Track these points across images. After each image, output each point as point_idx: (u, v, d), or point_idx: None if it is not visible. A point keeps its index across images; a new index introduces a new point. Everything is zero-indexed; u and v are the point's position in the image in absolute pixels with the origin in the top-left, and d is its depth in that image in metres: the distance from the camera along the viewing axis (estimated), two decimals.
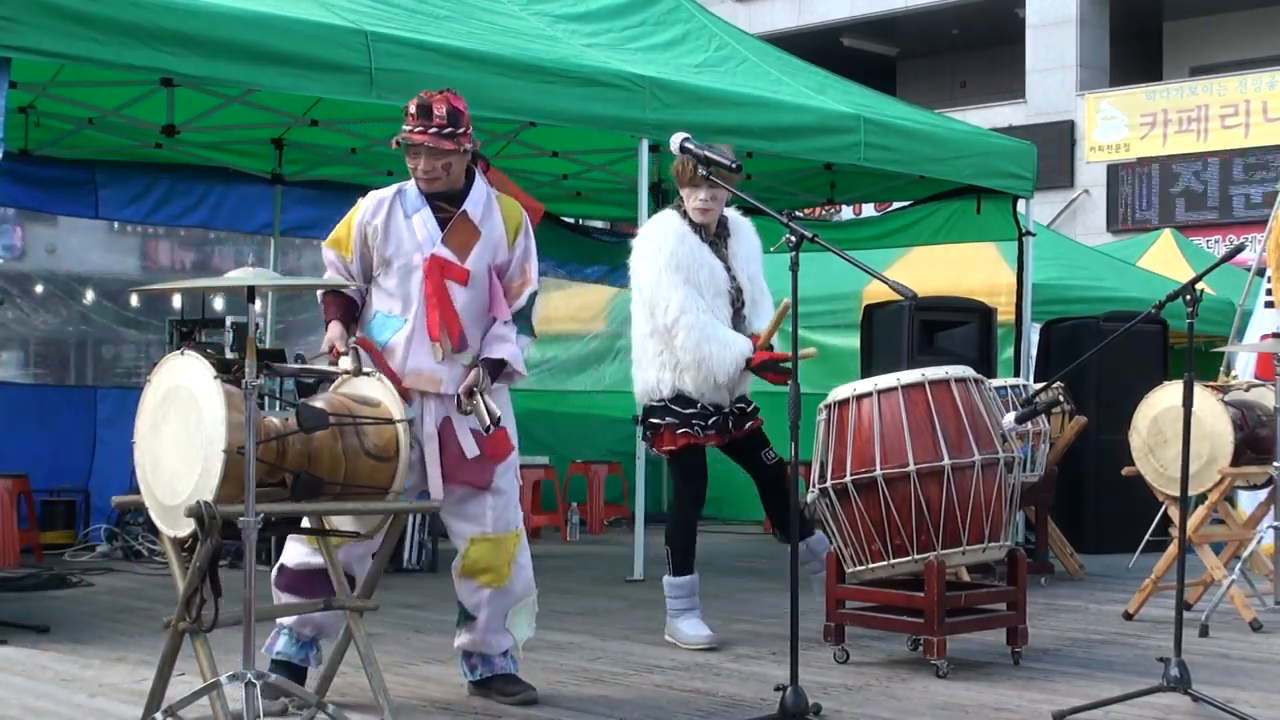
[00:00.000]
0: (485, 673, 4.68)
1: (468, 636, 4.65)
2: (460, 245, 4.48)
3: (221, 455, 3.54)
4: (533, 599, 4.73)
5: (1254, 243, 13.75)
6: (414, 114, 4.45)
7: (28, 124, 8.51)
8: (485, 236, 4.52)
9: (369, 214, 4.51)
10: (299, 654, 4.55)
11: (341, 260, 4.54)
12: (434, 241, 4.46)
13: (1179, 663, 4.46)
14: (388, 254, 4.48)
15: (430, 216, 4.49)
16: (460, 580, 4.59)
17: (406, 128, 4.45)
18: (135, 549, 8.61)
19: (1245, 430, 6.48)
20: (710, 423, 5.67)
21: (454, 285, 4.48)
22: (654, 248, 5.58)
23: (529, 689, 4.65)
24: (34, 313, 10.05)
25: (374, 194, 4.58)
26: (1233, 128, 20.73)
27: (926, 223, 10.06)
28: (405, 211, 4.50)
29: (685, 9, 8.84)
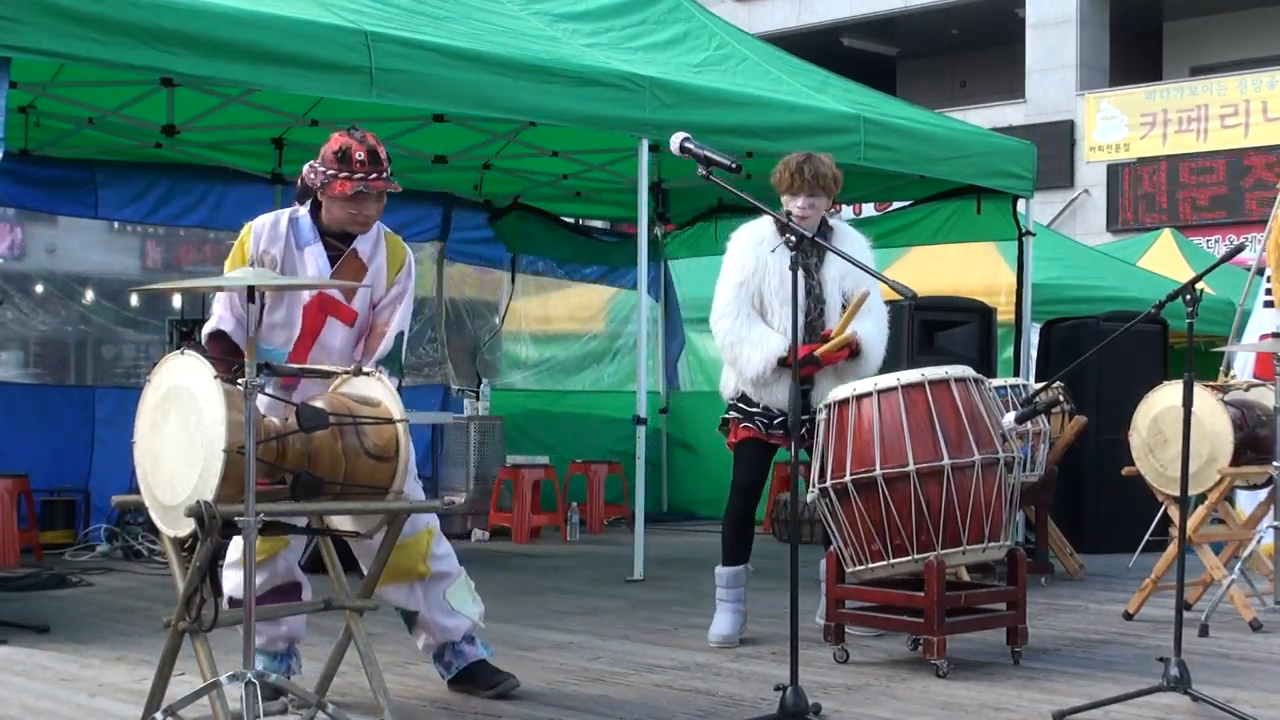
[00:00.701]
0: (460, 664, 4.69)
1: (424, 634, 4.66)
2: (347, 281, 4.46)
3: (221, 455, 3.54)
4: (463, 577, 4.69)
5: (1254, 242, 13.75)
6: (363, 161, 4.37)
7: (28, 124, 8.51)
8: (372, 273, 4.51)
9: (265, 242, 4.44)
10: (279, 668, 4.58)
11: (236, 296, 4.38)
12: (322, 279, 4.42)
13: (1179, 662, 4.46)
14: (283, 294, 4.41)
15: (322, 252, 4.46)
16: (386, 590, 4.52)
17: (358, 175, 4.35)
18: (135, 549, 8.61)
19: (1245, 430, 6.48)
20: (777, 423, 5.69)
21: (336, 323, 4.47)
22: (728, 254, 5.73)
23: (508, 677, 4.67)
24: (33, 313, 10.03)
25: (264, 221, 4.49)
26: (1233, 127, 20.73)
27: (926, 223, 10.06)
28: (297, 243, 4.46)
29: (685, 8, 8.84)
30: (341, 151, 4.37)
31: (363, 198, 4.39)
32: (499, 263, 11.59)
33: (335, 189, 4.36)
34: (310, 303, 4.43)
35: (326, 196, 4.41)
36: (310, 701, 3.80)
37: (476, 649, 4.72)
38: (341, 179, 4.36)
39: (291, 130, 9.30)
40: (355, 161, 4.36)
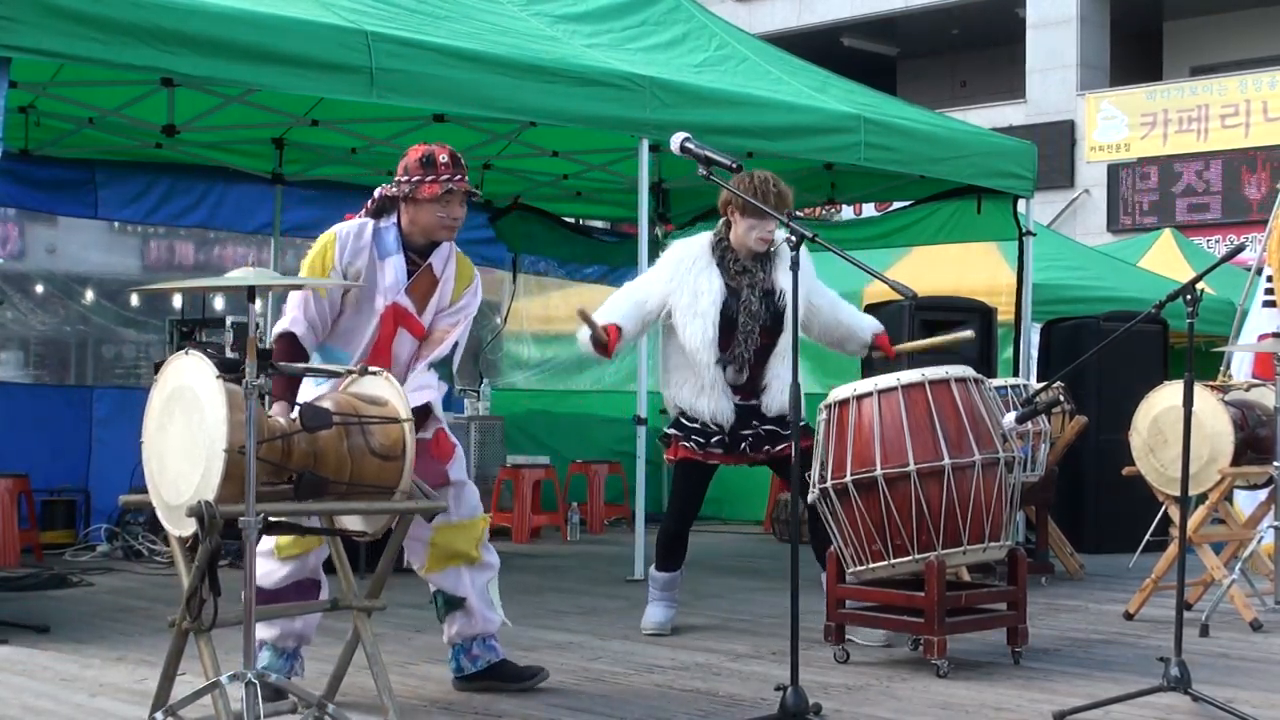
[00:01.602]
0: (489, 658, 4.75)
1: (462, 622, 4.72)
2: (420, 296, 4.60)
3: (223, 455, 3.54)
4: (496, 574, 4.81)
5: (1254, 242, 13.76)
6: (447, 164, 4.56)
7: (28, 124, 8.51)
8: (440, 287, 4.64)
9: (350, 255, 4.52)
10: (283, 666, 4.60)
11: (318, 301, 4.47)
12: (399, 289, 4.55)
13: (1179, 662, 4.46)
14: (359, 296, 4.53)
15: (402, 264, 4.57)
16: (434, 575, 4.69)
17: (444, 177, 4.52)
18: (135, 549, 8.61)
19: (1245, 430, 6.48)
20: (714, 440, 5.72)
21: (406, 334, 4.59)
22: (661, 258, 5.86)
23: (539, 669, 4.80)
24: (33, 313, 10.04)
25: (349, 231, 4.56)
26: (1233, 127, 20.73)
27: (927, 223, 10.05)
28: (379, 254, 4.56)
29: (685, 9, 8.84)
30: (425, 157, 4.56)
31: (451, 197, 4.54)
32: (500, 263, 11.60)
33: (424, 192, 4.51)
34: (385, 313, 4.53)
35: (414, 204, 4.54)
36: (311, 701, 3.80)
37: (499, 648, 4.79)
38: (429, 182, 4.51)
39: (292, 130, 9.31)
40: (440, 164, 4.55)
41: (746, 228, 5.69)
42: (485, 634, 4.76)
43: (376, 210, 4.62)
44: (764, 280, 5.76)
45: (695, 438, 5.78)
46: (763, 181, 5.53)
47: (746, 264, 5.74)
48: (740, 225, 5.71)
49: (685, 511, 5.98)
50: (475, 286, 4.75)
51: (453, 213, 4.57)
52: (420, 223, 4.57)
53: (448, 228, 4.59)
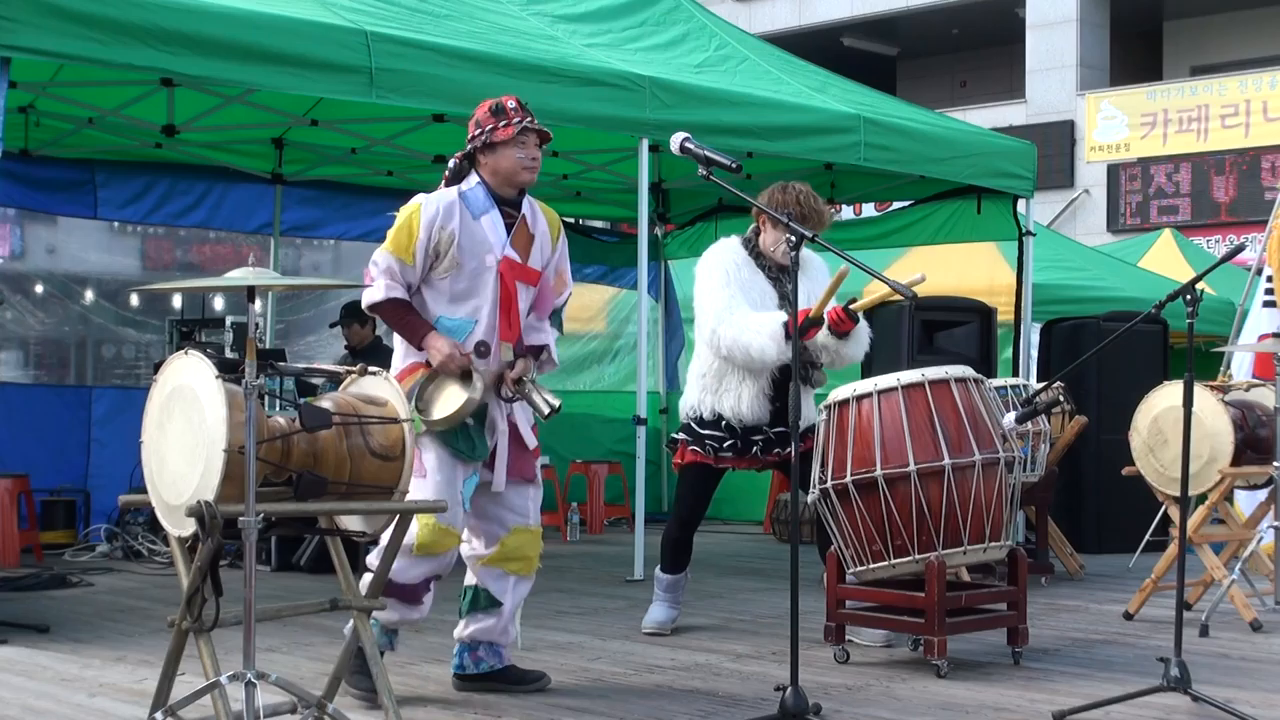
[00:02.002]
0: (494, 664, 4.78)
1: (485, 624, 4.73)
2: (523, 247, 4.63)
3: (222, 455, 3.54)
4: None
5: (1254, 242, 13.76)
6: (516, 108, 4.62)
7: (27, 124, 8.51)
8: (539, 238, 4.69)
9: (440, 219, 4.52)
10: (388, 644, 4.69)
11: (401, 265, 4.51)
12: (504, 244, 4.58)
13: (1179, 663, 4.46)
14: (462, 258, 4.53)
15: (499, 218, 4.60)
16: (485, 568, 4.72)
17: (516, 120, 4.58)
18: (135, 549, 8.61)
19: (1245, 430, 6.48)
20: (726, 445, 5.71)
21: (522, 286, 4.63)
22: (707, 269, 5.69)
23: (541, 675, 4.83)
24: (33, 313, 10.04)
25: (434, 199, 4.58)
26: (1233, 127, 20.73)
27: (926, 222, 10.06)
28: (473, 213, 4.58)
29: (685, 9, 8.83)
30: (495, 106, 4.64)
31: (527, 135, 4.58)
32: None
33: (499, 135, 4.56)
34: (501, 268, 4.56)
35: (491, 152, 4.60)
36: (311, 701, 3.80)
37: (506, 655, 4.83)
38: (503, 126, 4.57)
39: (291, 130, 9.31)
40: (509, 109, 4.62)
41: (775, 238, 5.65)
42: (500, 643, 4.79)
43: (455, 175, 4.65)
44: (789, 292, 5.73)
45: (708, 443, 5.76)
46: (801, 195, 5.53)
47: (776, 274, 5.72)
48: (769, 234, 5.69)
49: (692, 516, 5.99)
50: (562, 230, 4.82)
51: (530, 153, 4.60)
52: (502, 170, 4.60)
53: (528, 168, 4.61)
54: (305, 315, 11.10)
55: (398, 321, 4.55)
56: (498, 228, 4.58)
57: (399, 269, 4.52)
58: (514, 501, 4.72)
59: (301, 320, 11.17)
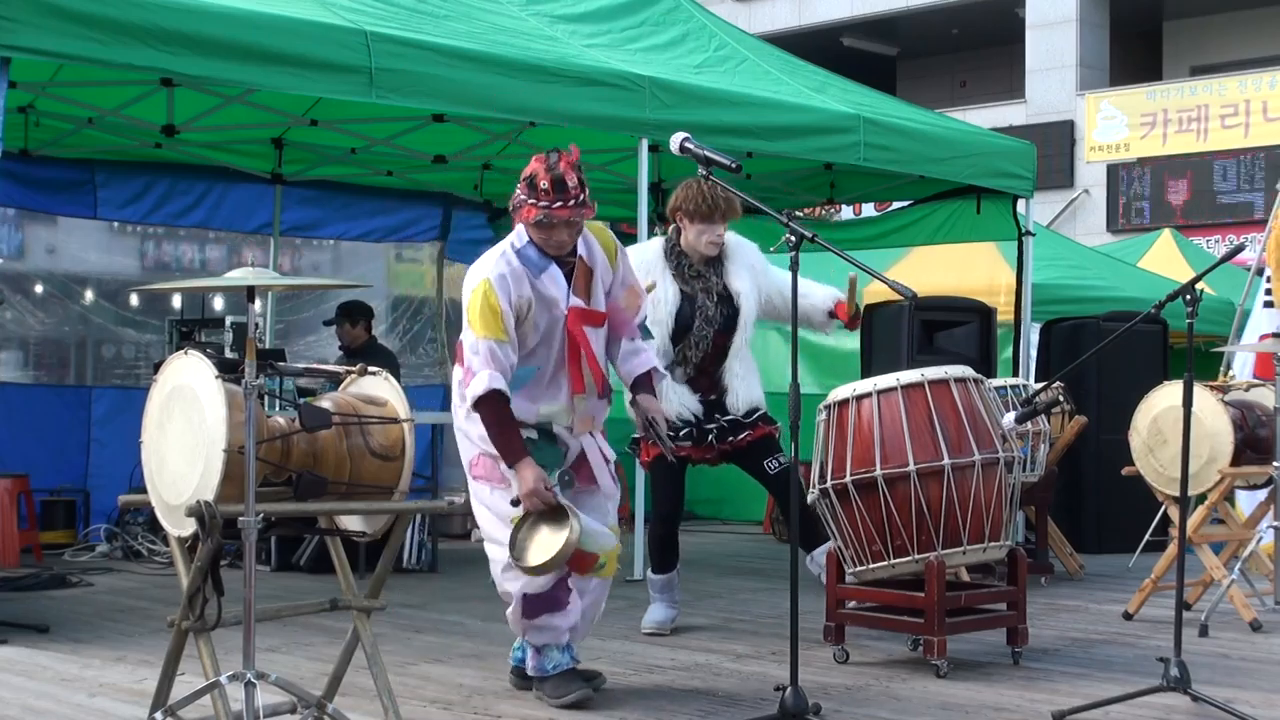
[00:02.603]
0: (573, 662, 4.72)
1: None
2: (585, 290, 4.57)
3: (222, 454, 3.54)
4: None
5: (1254, 242, 13.76)
6: (547, 190, 4.37)
7: (27, 124, 8.51)
8: (598, 272, 4.61)
9: (512, 290, 4.43)
10: (570, 658, 4.64)
11: (501, 346, 4.38)
12: (567, 296, 4.52)
13: (1179, 663, 4.46)
14: (539, 320, 4.49)
15: (558, 272, 4.52)
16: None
17: (543, 204, 4.36)
18: (135, 549, 8.61)
19: (1245, 430, 6.48)
20: (682, 434, 5.74)
21: (591, 330, 4.57)
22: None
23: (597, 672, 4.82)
24: (32, 313, 10.04)
25: (494, 270, 4.42)
26: (1233, 127, 20.73)
27: (926, 222, 10.05)
28: (534, 273, 4.49)
29: (685, 9, 8.83)
30: (530, 178, 4.42)
31: (551, 224, 4.41)
32: None
33: (524, 214, 4.42)
34: (569, 321, 4.51)
35: (519, 221, 4.47)
36: (310, 701, 3.80)
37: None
38: (529, 205, 4.40)
39: (291, 130, 9.30)
40: (540, 190, 4.39)
41: (696, 233, 5.76)
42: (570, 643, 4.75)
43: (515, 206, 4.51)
44: (718, 284, 5.82)
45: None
46: (711, 187, 5.56)
47: (700, 269, 5.81)
48: (690, 231, 5.78)
49: (670, 510, 5.99)
50: (618, 245, 4.71)
51: (554, 236, 4.44)
52: (546, 243, 4.49)
53: (553, 248, 4.48)
54: (305, 315, 11.09)
55: (496, 428, 4.39)
56: (559, 280, 4.50)
57: (500, 351, 4.37)
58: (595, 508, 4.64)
59: (301, 320, 11.17)
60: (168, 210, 9.90)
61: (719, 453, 5.89)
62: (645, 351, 4.76)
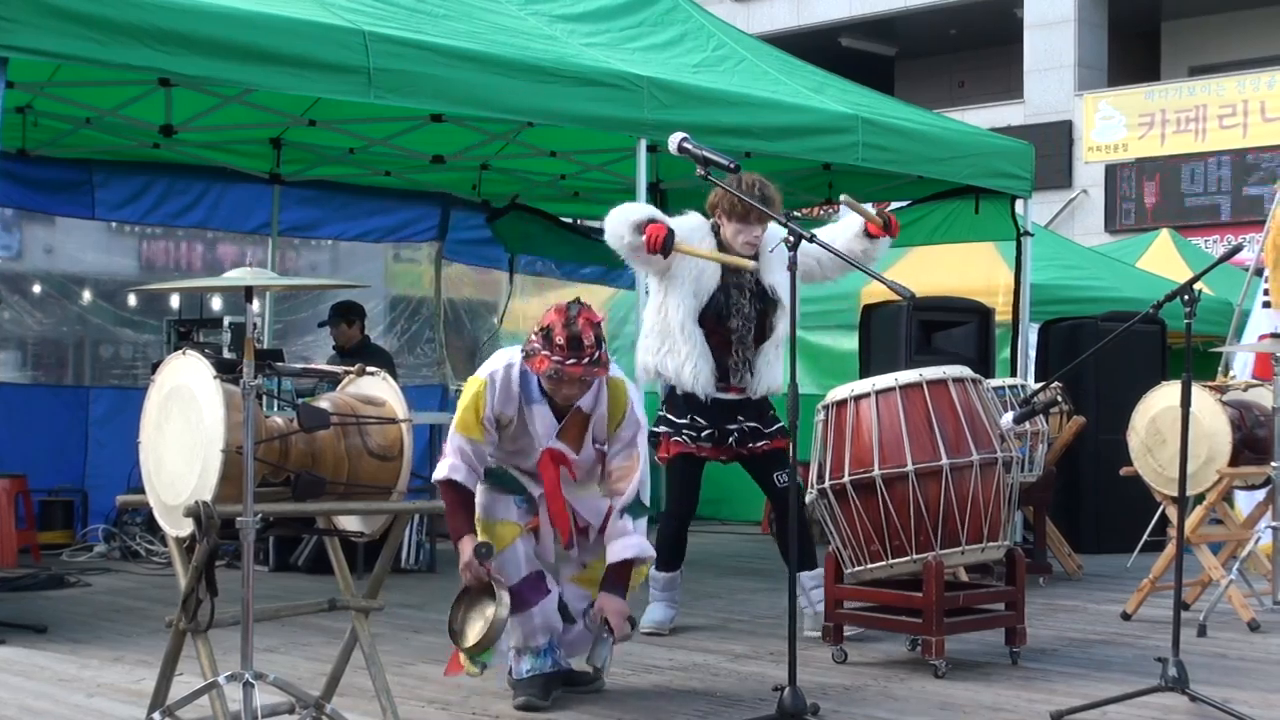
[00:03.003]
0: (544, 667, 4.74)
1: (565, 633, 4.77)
2: (574, 439, 4.58)
3: (220, 455, 3.54)
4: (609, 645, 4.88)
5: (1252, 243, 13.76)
6: (563, 346, 4.37)
7: (25, 124, 8.50)
8: (594, 420, 4.60)
9: (499, 404, 4.50)
10: (547, 663, 4.67)
11: (474, 446, 4.48)
12: (550, 435, 4.54)
13: (1177, 663, 4.46)
14: (518, 441, 4.57)
15: (548, 412, 4.54)
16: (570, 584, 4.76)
17: (556, 359, 4.37)
18: (133, 549, 8.61)
19: (1243, 430, 6.48)
20: (704, 435, 5.74)
21: (566, 478, 4.60)
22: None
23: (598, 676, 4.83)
24: (30, 313, 10.04)
25: (494, 378, 4.50)
26: (1231, 128, 20.74)
27: (924, 223, 10.04)
28: (525, 399, 4.53)
29: (683, 9, 8.82)
30: (546, 329, 4.41)
31: (563, 379, 4.43)
32: (497, 263, 11.58)
33: (535, 364, 4.42)
34: (543, 459, 4.54)
35: (531, 368, 4.46)
36: (309, 701, 3.80)
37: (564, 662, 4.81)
38: (542, 355, 4.40)
39: (289, 130, 9.30)
40: (555, 344, 4.39)
41: (734, 232, 5.73)
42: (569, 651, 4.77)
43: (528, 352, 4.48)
44: (750, 280, 5.78)
45: (686, 432, 5.80)
46: (749, 185, 5.52)
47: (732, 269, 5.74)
48: (728, 229, 5.75)
49: (685, 509, 5.99)
50: (630, 416, 4.62)
51: (562, 390, 4.47)
52: (544, 386, 4.52)
53: (562, 399, 4.51)
54: (303, 315, 11.09)
55: (448, 508, 4.48)
56: (546, 420, 4.54)
57: (470, 448, 4.48)
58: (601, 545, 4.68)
59: (299, 320, 11.17)
60: (166, 210, 9.89)
61: (737, 455, 5.89)
62: (631, 536, 4.58)
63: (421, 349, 11.55)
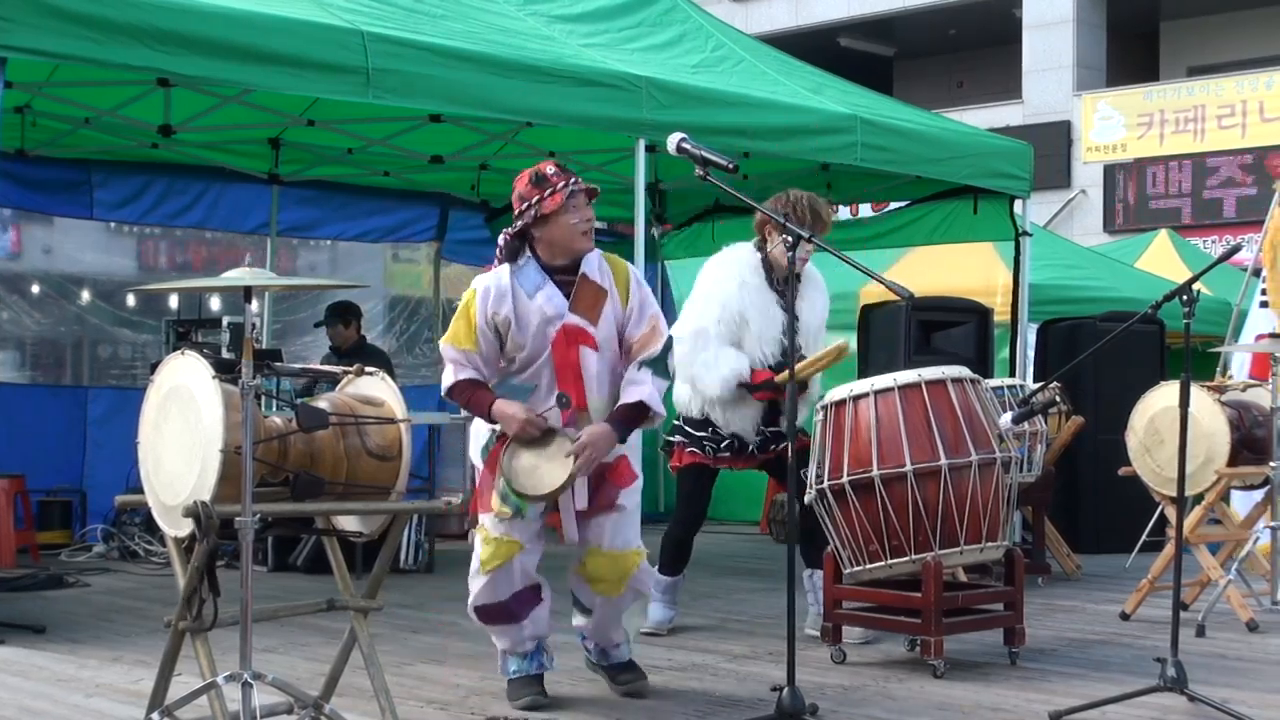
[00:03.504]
0: (603, 660, 4.86)
1: (585, 622, 4.80)
2: (588, 308, 4.53)
3: (219, 455, 3.54)
4: (644, 601, 4.92)
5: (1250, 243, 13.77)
6: (556, 173, 4.49)
7: (24, 124, 8.50)
8: (610, 296, 4.58)
9: (493, 305, 4.48)
10: (533, 665, 4.71)
11: (464, 355, 4.50)
12: (563, 314, 4.50)
13: (1175, 663, 4.46)
14: (522, 339, 4.49)
15: (555, 290, 4.52)
16: (576, 579, 4.71)
17: (560, 185, 4.45)
18: (132, 549, 8.61)
19: (1242, 430, 6.48)
20: (723, 445, 5.74)
21: (586, 350, 4.53)
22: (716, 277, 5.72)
23: (639, 678, 4.80)
24: (29, 313, 10.04)
25: (484, 283, 4.52)
26: (1230, 128, 20.74)
27: (923, 223, 10.05)
28: (527, 292, 4.51)
29: (682, 9, 8.83)
30: (535, 175, 4.50)
31: (575, 199, 4.48)
32: None
33: (548, 206, 4.44)
34: (557, 338, 4.49)
35: (544, 224, 4.48)
36: (307, 701, 3.80)
37: (622, 651, 4.85)
38: (549, 196, 4.45)
39: (288, 130, 9.29)
40: (550, 176, 4.49)
41: (784, 249, 5.63)
42: (601, 643, 4.83)
43: (510, 254, 4.54)
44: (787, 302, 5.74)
45: (706, 444, 5.80)
46: (798, 201, 5.53)
47: (782, 285, 5.73)
48: (776, 245, 5.69)
49: (694, 517, 6.00)
50: (635, 278, 4.66)
51: (584, 214, 4.52)
52: (558, 240, 4.51)
53: (585, 232, 4.52)
54: (302, 315, 11.09)
55: (466, 401, 4.50)
56: (555, 300, 4.50)
57: (464, 358, 4.50)
58: (589, 525, 4.61)
59: (298, 320, 11.17)
60: (164, 210, 9.89)
61: (760, 460, 5.89)
62: (646, 385, 4.52)
63: (420, 349, 11.55)
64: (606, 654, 4.86)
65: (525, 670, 4.69)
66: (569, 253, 4.54)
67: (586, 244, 4.55)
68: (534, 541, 4.58)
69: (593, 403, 4.52)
